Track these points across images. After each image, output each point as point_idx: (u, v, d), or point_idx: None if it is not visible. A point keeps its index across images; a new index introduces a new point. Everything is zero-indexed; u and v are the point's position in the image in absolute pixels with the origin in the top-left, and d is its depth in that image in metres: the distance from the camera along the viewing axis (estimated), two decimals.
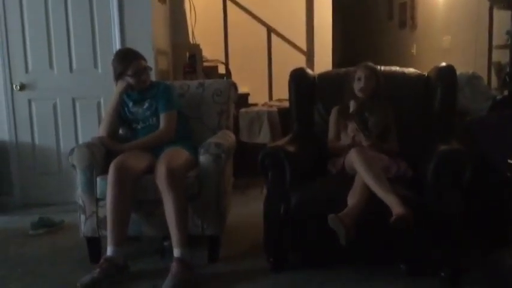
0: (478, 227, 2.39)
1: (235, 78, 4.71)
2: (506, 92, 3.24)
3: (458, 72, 2.75)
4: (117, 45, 3.70)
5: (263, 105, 4.65)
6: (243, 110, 4.25)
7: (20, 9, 3.74)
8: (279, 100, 4.67)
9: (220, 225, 2.63)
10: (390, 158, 2.50)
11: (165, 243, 2.58)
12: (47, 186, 3.83)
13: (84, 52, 3.78)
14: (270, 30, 5.08)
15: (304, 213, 2.38)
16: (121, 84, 2.73)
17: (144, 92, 2.80)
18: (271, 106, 4.45)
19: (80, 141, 3.70)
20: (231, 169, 3.01)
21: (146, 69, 2.77)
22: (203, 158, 2.55)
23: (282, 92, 4.03)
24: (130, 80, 2.71)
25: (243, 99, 4.59)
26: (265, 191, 2.53)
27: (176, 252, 2.36)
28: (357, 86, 2.64)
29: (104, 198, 2.49)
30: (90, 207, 2.59)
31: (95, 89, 3.77)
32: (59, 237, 3.11)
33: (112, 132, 2.76)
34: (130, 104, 2.81)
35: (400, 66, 3.03)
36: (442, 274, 2.26)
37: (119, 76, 2.74)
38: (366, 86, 2.62)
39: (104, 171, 2.53)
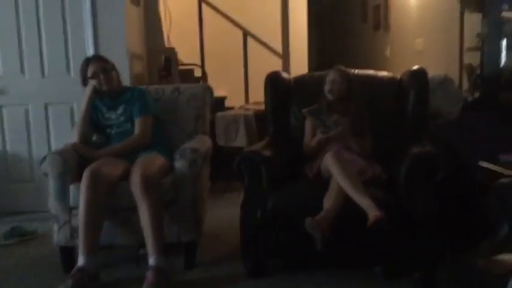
0: (450, 228, 2.43)
1: (211, 81, 4.70)
2: (477, 94, 3.30)
3: (430, 75, 2.79)
4: (91, 49, 3.64)
5: (240, 108, 4.65)
6: (219, 114, 4.23)
7: None
8: (256, 103, 4.67)
9: (196, 231, 2.62)
10: (365, 161, 2.52)
11: (141, 251, 2.55)
12: (19, 194, 3.74)
13: (56, 56, 3.70)
14: (246, 33, 5.08)
15: (280, 217, 2.39)
16: (88, 89, 2.71)
17: (117, 97, 2.77)
18: (247, 109, 4.45)
19: (53, 148, 3.63)
20: (208, 174, 3.00)
21: (107, 70, 2.72)
22: (179, 164, 2.53)
23: (258, 95, 4.03)
24: (92, 82, 2.70)
25: (219, 103, 4.57)
26: (242, 195, 2.52)
27: (152, 260, 2.33)
28: (326, 88, 2.68)
29: (77, 207, 2.44)
30: (64, 216, 2.54)
31: (68, 94, 3.69)
32: (31, 246, 3.04)
33: (85, 139, 2.72)
34: (104, 110, 2.77)
35: (375, 68, 3.07)
36: (416, 275, 2.29)
37: (84, 80, 2.74)
38: (333, 87, 2.66)
39: (78, 179, 2.48)
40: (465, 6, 3.53)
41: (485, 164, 2.33)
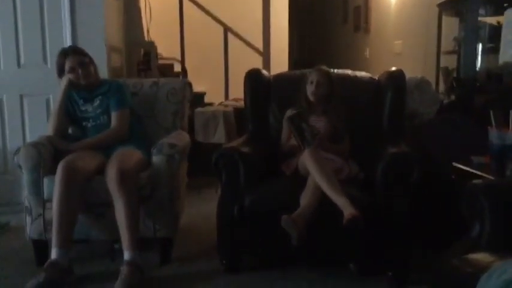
0: (425, 228, 2.47)
1: (191, 76, 4.67)
2: (453, 97, 3.36)
3: (407, 77, 2.83)
4: (68, 40, 3.58)
5: (219, 104, 4.64)
6: (198, 109, 4.22)
7: None
8: (235, 99, 4.67)
9: (173, 226, 2.61)
10: (342, 160, 2.55)
11: (115, 246, 2.52)
12: None
13: (33, 47, 3.63)
14: (226, 29, 5.07)
15: (257, 213, 2.39)
16: (64, 81, 2.67)
17: (94, 90, 2.73)
18: (227, 106, 4.44)
19: (28, 140, 3.55)
20: (185, 170, 2.98)
21: (84, 65, 2.69)
22: (156, 159, 2.52)
23: (238, 91, 4.03)
24: (69, 75, 2.66)
25: (199, 98, 4.56)
26: (219, 191, 2.52)
27: (127, 255, 2.32)
28: (309, 89, 2.68)
29: (51, 200, 2.40)
30: (37, 208, 2.50)
31: (44, 85, 3.62)
32: (4, 239, 2.98)
33: (61, 131, 2.68)
34: (81, 102, 2.73)
35: (354, 68, 3.10)
36: (390, 274, 2.33)
37: (60, 73, 2.69)
38: (317, 90, 2.66)
39: (52, 172, 2.45)
40: (443, 10, 3.59)
41: (459, 165, 2.38)
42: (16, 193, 3.14)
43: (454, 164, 2.40)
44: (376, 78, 2.92)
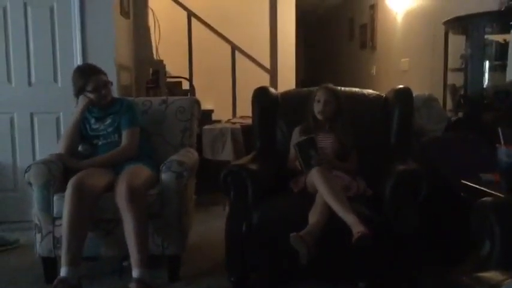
0: (434, 245, 2.46)
1: (199, 94, 4.71)
2: (460, 114, 3.37)
3: (415, 94, 2.85)
4: (79, 59, 3.64)
5: (227, 122, 4.67)
6: (206, 127, 4.24)
7: None
8: (243, 117, 4.70)
9: (181, 244, 2.60)
10: (350, 177, 2.55)
11: (124, 263, 2.53)
12: (1, 203, 3.67)
13: (43, 66, 3.69)
14: (234, 47, 5.13)
15: (266, 231, 2.39)
16: (82, 101, 2.68)
17: (106, 108, 2.76)
18: (234, 123, 4.47)
19: (38, 158, 3.59)
20: (193, 187, 3.00)
21: (106, 84, 2.73)
22: (165, 176, 2.53)
23: (245, 109, 4.06)
24: (90, 95, 2.67)
25: (206, 116, 4.59)
26: (227, 208, 2.53)
27: (135, 273, 2.32)
28: (317, 108, 2.70)
29: (61, 217, 2.41)
30: (47, 226, 2.51)
31: (55, 104, 3.68)
32: (13, 256, 2.99)
33: (71, 149, 2.70)
34: (92, 121, 2.76)
35: (360, 86, 3.12)
36: None
37: (79, 92, 2.69)
38: (324, 109, 2.68)
39: (62, 189, 2.47)
40: (449, 28, 3.61)
41: (467, 182, 2.37)
42: (25, 210, 3.14)
43: (463, 181, 2.40)
44: (383, 96, 2.93)
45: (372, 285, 2.42)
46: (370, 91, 3.04)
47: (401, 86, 2.86)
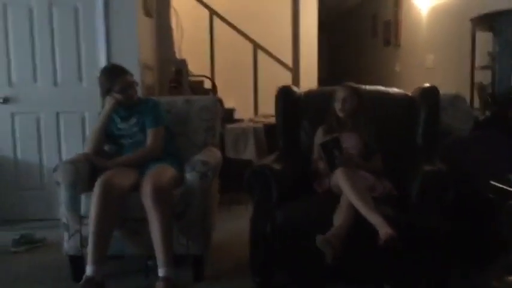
0: (461, 248, 2.41)
1: (221, 93, 4.72)
2: (488, 113, 3.30)
3: (441, 93, 2.80)
4: (103, 59, 3.68)
5: (249, 120, 4.66)
6: (228, 126, 4.25)
7: (4, 21, 3.70)
8: (265, 116, 4.69)
9: (205, 243, 2.62)
10: (375, 177, 2.52)
11: (149, 262, 2.55)
12: (29, 202, 3.75)
13: (69, 65, 3.74)
14: (255, 46, 5.12)
15: (290, 231, 2.38)
16: (110, 101, 2.71)
17: (131, 108, 2.79)
18: (256, 122, 4.46)
19: (63, 157, 3.65)
20: (217, 187, 3.01)
21: (133, 85, 2.76)
22: (190, 176, 2.54)
23: (267, 107, 4.05)
24: (117, 96, 2.70)
25: (228, 115, 4.59)
26: (250, 207, 2.52)
27: (161, 272, 2.34)
28: (337, 106, 2.68)
29: (88, 216, 2.45)
30: (74, 225, 2.55)
31: (80, 103, 3.73)
32: (40, 254, 3.05)
33: (98, 149, 2.73)
34: (118, 121, 2.79)
35: (384, 83, 3.08)
36: None
37: (106, 92, 2.72)
38: (344, 106, 2.66)
39: (89, 189, 2.50)
40: (476, 25, 3.54)
41: (496, 183, 2.32)
42: (52, 208, 3.20)
43: (491, 182, 2.35)
44: (409, 95, 2.89)
45: (398, 287, 2.39)
46: (395, 89, 3.00)
47: (427, 85, 2.81)
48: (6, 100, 3.73)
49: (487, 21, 3.41)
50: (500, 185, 2.30)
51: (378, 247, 2.11)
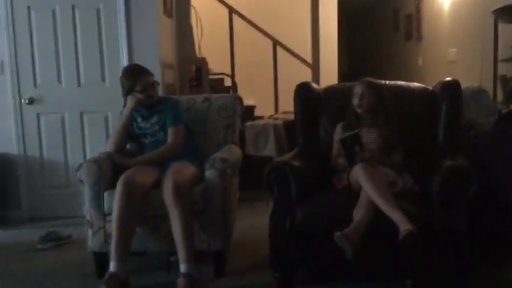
0: (484, 245, 2.38)
1: (241, 90, 4.74)
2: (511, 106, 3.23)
3: (463, 86, 2.76)
4: (125, 59, 3.75)
5: (269, 117, 4.67)
6: (248, 123, 4.27)
7: (29, 23, 3.80)
8: (285, 112, 4.69)
9: (226, 240, 2.64)
10: (396, 172, 2.50)
11: (171, 258, 2.59)
12: (54, 200, 3.85)
13: (92, 66, 3.82)
14: (275, 43, 5.12)
15: (310, 228, 2.38)
16: (131, 101, 2.75)
17: (152, 107, 2.83)
18: (277, 119, 4.47)
19: (88, 155, 3.73)
20: (237, 184, 3.02)
21: (154, 85, 2.80)
22: (209, 173, 2.57)
23: (287, 104, 4.05)
24: (139, 95, 2.74)
25: (249, 112, 4.61)
26: (271, 204, 2.54)
27: (183, 268, 2.37)
28: (355, 102, 2.67)
29: (111, 214, 2.49)
30: (98, 222, 2.61)
31: (103, 103, 3.80)
32: (66, 251, 3.12)
33: (120, 148, 2.78)
34: (139, 119, 2.83)
35: (407, 78, 3.05)
36: None
37: (128, 92, 2.77)
38: (362, 102, 2.64)
39: (112, 187, 2.55)
40: (499, 17, 3.47)
41: None
42: (77, 206, 3.26)
43: None
44: (430, 89, 2.85)
45: (420, 284, 2.37)
46: (416, 84, 2.95)
47: (449, 79, 2.77)
48: (31, 101, 3.83)
49: (510, 12, 3.34)
50: None
51: (399, 244, 2.09)
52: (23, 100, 3.84)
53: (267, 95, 5.13)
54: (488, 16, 3.65)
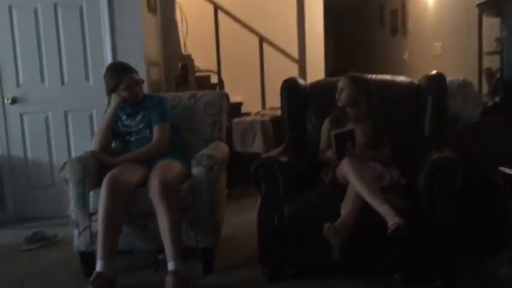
0: (470, 235, 2.39)
1: (228, 87, 4.72)
2: (497, 98, 3.26)
3: (449, 79, 2.77)
4: (109, 57, 3.70)
5: (256, 114, 4.66)
6: (236, 120, 4.25)
7: (10, 22, 3.74)
8: (272, 108, 4.68)
9: (214, 236, 2.63)
10: (383, 166, 2.51)
11: (159, 256, 2.57)
12: (40, 200, 3.80)
13: (75, 65, 3.77)
14: (261, 39, 5.10)
15: (298, 223, 2.38)
16: (115, 99, 2.72)
17: (137, 105, 2.80)
18: (264, 115, 4.46)
19: (73, 154, 3.69)
20: (224, 180, 3.01)
21: (139, 82, 2.77)
22: (196, 170, 2.55)
23: (275, 100, 4.03)
24: (123, 93, 2.71)
25: (236, 108, 4.59)
26: (259, 200, 2.53)
27: (171, 265, 2.35)
28: (338, 96, 2.67)
29: (97, 213, 2.46)
30: (83, 221, 2.58)
31: (87, 102, 3.76)
32: (52, 251, 3.08)
33: (105, 146, 2.75)
34: (124, 117, 2.80)
35: (393, 72, 3.05)
36: (437, 283, 2.26)
37: (112, 90, 2.74)
38: (340, 96, 2.65)
39: (97, 185, 2.52)
40: (483, 10, 3.49)
41: (505, 169, 2.29)
42: (62, 206, 3.22)
43: (500, 168, 2.32)
44: (416, 82, 2.86)
45: (407, 277, 2.38)
46: (402, 78, 2.97)
47: (434, 72, 2.78)
48: (14, 101, 3.78)
49: (494, 6, 3.37)
50: (510, 171, 2.27)
51: (386, 236, 2.10)
52: (5, 100, 3.78)
53: (254, 91, 5.12)
54: (473, 10, 3.67)
